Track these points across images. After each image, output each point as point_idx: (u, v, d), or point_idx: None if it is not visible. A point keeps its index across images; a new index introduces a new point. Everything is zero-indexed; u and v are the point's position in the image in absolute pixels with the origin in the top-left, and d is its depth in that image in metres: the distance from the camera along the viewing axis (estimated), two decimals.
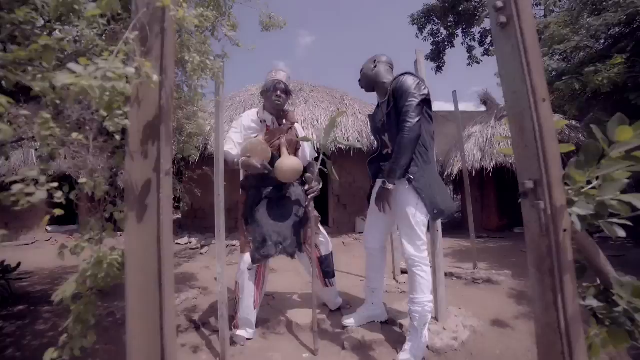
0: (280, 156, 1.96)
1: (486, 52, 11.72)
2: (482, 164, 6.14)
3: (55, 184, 0.80)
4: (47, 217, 1.35)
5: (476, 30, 11.43)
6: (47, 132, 0.80)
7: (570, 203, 1.03)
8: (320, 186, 2.00)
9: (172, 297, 0.93)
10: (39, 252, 5.39)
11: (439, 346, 1.74)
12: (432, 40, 11.94)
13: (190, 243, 5.63)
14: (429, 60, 11.96)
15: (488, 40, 11.66)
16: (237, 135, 2.02)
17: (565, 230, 1.03)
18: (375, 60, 1.92)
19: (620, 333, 1.00)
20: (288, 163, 1.90)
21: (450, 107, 13.37)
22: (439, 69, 12.17)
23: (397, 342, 1.83)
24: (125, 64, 0.81)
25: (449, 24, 11.04)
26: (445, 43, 11.76)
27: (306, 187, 1.97)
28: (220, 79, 1.74)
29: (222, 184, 1.74)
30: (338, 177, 1.99)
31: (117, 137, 0.85)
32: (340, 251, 4.77)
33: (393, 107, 1.73)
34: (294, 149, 2.10)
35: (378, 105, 1.97)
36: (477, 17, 11.06)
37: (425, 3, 11.01)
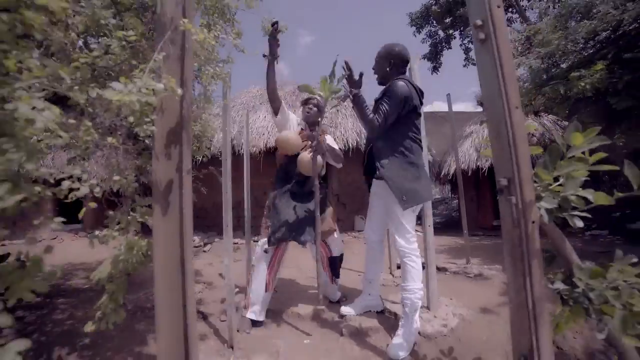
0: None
1: None
2: (478, 163, 6.28)
3: (95, 181, 0.94)
4: (53, 217, 1.48)
5: None
6: (89, 137, 0.94)
7: (539, 198, 1.18)
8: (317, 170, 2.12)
9: (192, 280, 1.08)
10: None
11: (429, 332, 1.88)
12: (430, 41, 12.10)
13: (193, 241, 5.77)
14: (426, 60, 12.10)
15: None
16: (287, 113, 2.27)
17: (534, 222, 1.17)
18: (391, 61, 1.98)
19: (579, 310, 1.14)
20: (309, 156, 2.05)
21: (454, 104, 13.51)
22: (435, 69, 12.32)
23: (391, 329, 1.97)
24: (152, 79, 0.95)
25: (446, 26, 11.18)
26: (443, 44, 11.91)
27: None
28: (228, 84, 1.88)
29: (229, 182, 1.88)
30: (338, 173, 2.14)
31: (147, 141, 0.98)
32: None
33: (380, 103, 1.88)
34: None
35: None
36: (467, 27, 11.22)
37: (423, 3, 11.15)
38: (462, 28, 11.59)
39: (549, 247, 1.33)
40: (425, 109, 2.49)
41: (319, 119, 2.13)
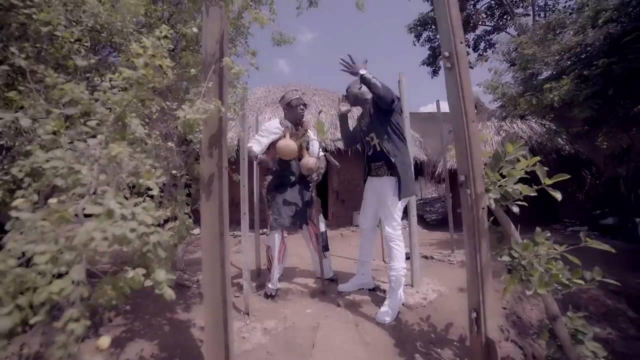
0: (301, 155, 2.59)
1: (479, 57, 12.17)
2: None
3: (163, 177, 1.30)
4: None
5: (470, 36, 11.89)
6: (157, 142, 1.30)
7: (487, 190, 1.54)
8: (318, 179, 2.61)
9: (228, 248, 1.44)
10: None
11: (411, 303, 2.25)
12: (429, 45, 12.42)
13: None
14: (425, 65, 12.44)
15: (481, 45, 12.13)
16: (264, 138, 2.55)
17: (483, 209, 1.54)
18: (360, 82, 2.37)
19: (517, 275, 1.51)
20: (311, 161, 2.52)
21: (445, 108, 13.86)
22: (435, 73, 12.65)
23: (380, 302, 2.33)
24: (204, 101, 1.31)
25: None
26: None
27: (308, 178, 2.59)
28: (245, 95, 2.25)
29: (246, 178, 2.25)
30: (337, 172, 2.53)
31: (196, 146, 1.35)
32: (339, 241, 5.29)
33: (375, 110, 2.24)
34: (306, 148, 2.68)
35: (360, 118, 2.49)
36: (471, 24, 11.55)
37: (420, 12, 11.48)
38: None
39: (499, 228, 1.70)
40: (426, 109, 2.85)
41: (303, 116, 2.68)
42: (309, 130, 2.76)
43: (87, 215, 0.81)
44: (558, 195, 1.37)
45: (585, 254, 1.52)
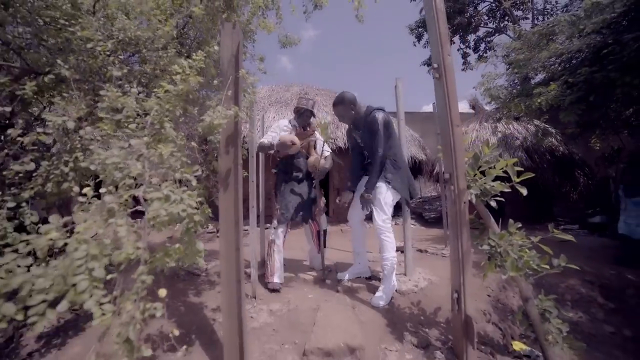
0: (309, 153, 2.82)
1: (479, 58, 12.31)
2: None
3: (199, 171, 1.51)
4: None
5: (471, 38, 12.04)
6: (182, 142, 1.51)
7: (469, 187, 1.75)
8: (322, 176, 2.82)
9: (242, 235, 1.66)
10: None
11: (403, 289, 2.47)
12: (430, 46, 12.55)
13: (207, 227, 6.39)
14: (426, 65, 12.59)
15: (482, 47, 12.28)
16: (275, 134, 2.74)
17: (465, 203, 1.75)
18: (352, 105, 2.56)
19: (494, 262, 1.72)
20: (316, 159, 2.73)
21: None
22: None
23: (375, 289, 2.54)
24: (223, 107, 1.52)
25: None
26: None
27: (312, 174, 2.80)
28: (254, 99, 2.45)
29: (254, 174, 2.46)
30: (338, 170, 2.75)
31: (215, 145, 1.56)
32: (339, 236, 5.52)
33: (368, 132, 2.44)
34: (313, 146, 2.92)
35: (352, 130, 2.70)
36: (473, 26, 11.70)
37: (423, 13, 11.62)
38: (460, 33, 12.08)
39: (480, 221, 1.91)
40: (428, 108, 3.03)
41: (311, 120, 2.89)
42: (315, 132, 2.96)
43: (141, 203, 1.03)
44: (524, 191, 1.58)
45: (572, 249, 1.73)
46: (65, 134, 1.53)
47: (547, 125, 6.57)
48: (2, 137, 1.59)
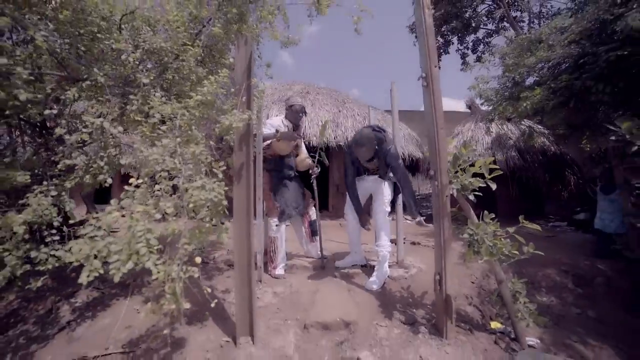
0: (297, 152, 3.04)
1: (478, 59, 12.49)
2: None
3: (224, 167, 1.75)
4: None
5: (470, 39, 12.22)
6: (203, 141, 1.75)
7: (451, 182, 1.99)
8: (319, 170, 3.06)
9: (252, 222, 1.90)
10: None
11: (395, 276, 2.72)
12: None
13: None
14: None
15: (480, 47, 12.46)
16: (272, 128, 2.96)
17: (447, 196, 1.99)
18: (374, 142, 2.59)
19: (472, 250, 1.96)
20: (306, 158, 3.01)
21: (451, 104, 14.37)
22: None
23: (369, 274, 2.80)
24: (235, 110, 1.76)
25: (442, 33, 11.85)
26: (441, 50, 12.56)
27: (310, 171, 3.02)
28: (262, 103, 2.68)
29: (261, 169, 2.70)
30: (338, 167, 2.98)
31: (231, 143, 1.80)
32: (338, 230, 5.76)
33: (383, 158, 2.63)
34: (299, 147, 3.17)
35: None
36: (472, 26, 11.89)
37: None
38: (459, 35, 12.26)
39: (462, 212, 2.15)
40: None
41: (300, 120, 3.09)
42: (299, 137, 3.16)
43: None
44: (493, 186, 1.83)
45: (558, 243, 1.98)
46: (101, 132, 1.77)
47: (540, 127, 6.81)
48: (47, 135, 1.83)
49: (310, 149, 3.43)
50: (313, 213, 3.16)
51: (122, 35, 1.84)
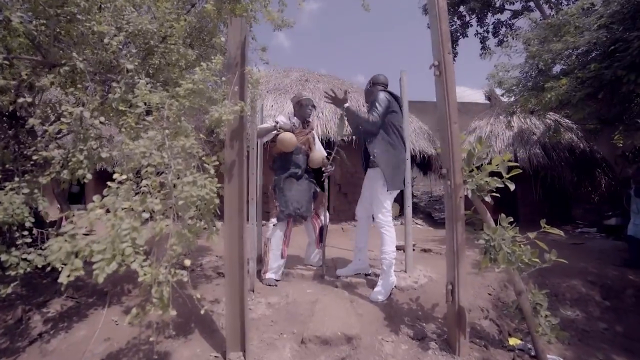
0: (309, 149, 3.13)
1: (500, 43, 12.52)
2: None
3: (216, 162, 1.80)
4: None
5: (490, 20, 12.25)
6: (192, 134, 1.79)
7: (465, 182, 2.04)
8: (332, 169, 3.10)
9: (244, 223, 1.94)
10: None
11: (403, 286, 2.77)
12: None
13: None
14: None
15: (502, 30, 12.50)
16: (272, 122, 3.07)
17: (461, 197, 2.04)
18: (371, 84, 2.94)
19: (488, 257, 2.00)
20: (318, 155, 3.07)
21: (469, 94, 14.45)
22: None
23: (374, 285, 2.85)
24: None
25: (460, 14, 11.89)
26: (459, 34, 12.60)
27: (323, 169, 3.08)
28: (256, 92, 2.73)
29: (257, 167, 2.74)
30: (340, 165, 3.04)
31: (222, 136, 1.84)
32: (339, 235, 5.82)
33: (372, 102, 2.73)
34: (312, 144, 3.22)
35: None
36: (496, 6, 11.94)
37: None
38: (478, 16, 12.30)
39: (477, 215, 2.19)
40: None
41: (310, 115, 3.20)
42: (313, 130, 3.25)
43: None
44: (512, 186, 1.87)
45: (585, 250, 2.02)
46: (80, 123, 1.81)
47: (567, 121, 6.84)
48: (19, 127, 1.88)
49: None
50: (325, 217, 3.20)
51: (103, 16, 1.88)
